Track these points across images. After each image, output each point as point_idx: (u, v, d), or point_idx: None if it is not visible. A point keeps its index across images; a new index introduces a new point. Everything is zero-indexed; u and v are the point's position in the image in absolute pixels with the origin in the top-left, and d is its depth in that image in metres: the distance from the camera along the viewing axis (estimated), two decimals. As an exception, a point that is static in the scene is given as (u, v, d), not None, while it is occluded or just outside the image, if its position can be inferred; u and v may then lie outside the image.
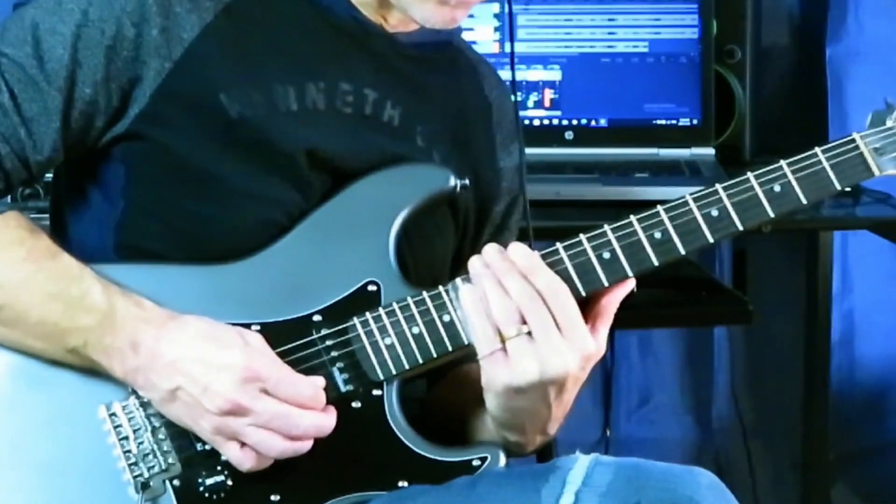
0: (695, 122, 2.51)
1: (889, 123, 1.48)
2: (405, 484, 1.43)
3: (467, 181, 1.53)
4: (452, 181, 1.51)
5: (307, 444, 1.41)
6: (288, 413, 1.39)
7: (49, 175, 1.58)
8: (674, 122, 2.51)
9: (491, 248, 1.42)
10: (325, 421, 1.41)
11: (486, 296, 1.40)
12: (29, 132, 1.46)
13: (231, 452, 1.41)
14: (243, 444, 1.41)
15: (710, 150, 2.50)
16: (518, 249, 1.41)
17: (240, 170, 1.47)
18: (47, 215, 1.65)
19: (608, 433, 2.98)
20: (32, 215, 2.00)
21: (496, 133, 1.65)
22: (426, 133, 1.57)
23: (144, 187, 1.49)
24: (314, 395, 1.41)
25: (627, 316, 2.41)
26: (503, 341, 1.39)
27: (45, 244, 1.45)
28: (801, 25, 2.85)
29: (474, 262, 1.42)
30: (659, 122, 2.52)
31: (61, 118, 1.46)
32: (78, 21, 1.46)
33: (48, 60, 1.45)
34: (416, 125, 1.57)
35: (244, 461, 1.41)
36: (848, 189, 1.49)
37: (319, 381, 1.42)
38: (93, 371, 1.43)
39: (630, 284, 1.44)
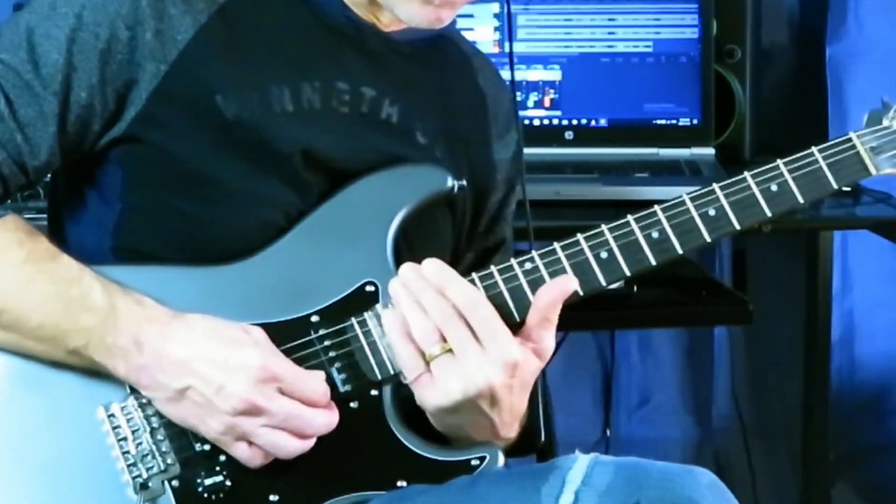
0: (695, 122, 2.51)
1: (885, 123, 1.49)
2: (404, 483, 1.43)
3: (465, 182, 1.54)
4: (450, 182, 1.51)
5: (312, 442, 1.41)
6: (301, 413, 1.40)
7: (48, 177, 1.58)
8: (674, 122, 2.51)
9: (406, 268, 1.42)
10: (333, 418, 1.42)
11: (405, 318, 1.40)
12: (25, 137, 1.46)
13: (239, 451, 1.41)
14: (250, 443, 1.41)
15: (710, 150, 2.50)
16: (430, 265, 1.41)
17: (237, 171, 1.47)
18: (46, 216, 1.65)
19: (608, 433, 2.98)
20: (32, 216, 2.01)
21: (491, 125, 1.66)
22: (427, 129, 1.58)
23: (141, 190, 1.49)
24: (325, 391, 1.42)
25: (627, 316, 2.45)
26: (428, 362, 1.40)
27: (45, 246, 1.45)
28: (801, 25, 2.85)
29: (393, 285, 1.42)
30: (659, 122, 2.52)
31: (57, 122, 1.46)
32: (72, 25, 1.46)
33: (43, 65, 1.45)
34: (415, 122, 1.57)
35: (253, 458, 1.41)
36: (846, 188, 1.49)
37: (323, 376, 1.42)
38: (91, 372, 1.43)
39: (572, 286, 1.42)
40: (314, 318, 1.45)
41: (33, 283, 1.42)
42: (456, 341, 1.38)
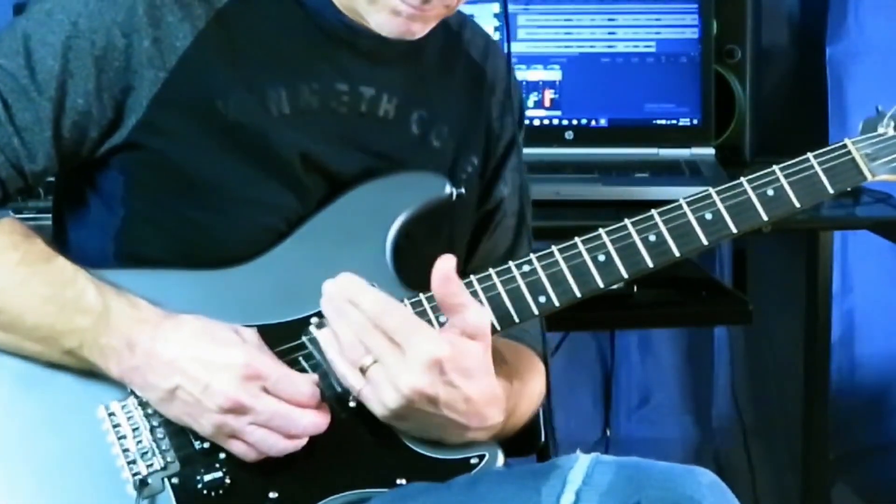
0: (695, 122, 2.51)
1: (880, 130, 1.50)
2: (403, 481, 1.43)
3: (463, 189, 1.55)
4: (448, 189, 1.52)
5: (303, 442, 1.41)
6: (287, 413, 1.40)
7: (51, 178, 1.59)
8: (674, 122, 2.52)
9: (327, 284, 1.40)
10: (322, 420, 1.42)
11: (336, 334, 1.40)
12: (22, 141, 1.47)
13: (234, 448, 1.41)
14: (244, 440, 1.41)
15: (710, 150, 2.50)
16: (343, 278, 1.40)
17: (238, 176, 1.48)
18: (47, 215, 1.65)
19: (608, 433, 2.98)
20: (32, 215, 2.01)
21: (491, 95, 1.66)
22: (423, 118, 1.58)
23: (143, 196, 1.50)
24: (312, 392, 1.41)
25: (627, 316, 2.45)
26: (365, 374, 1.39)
27: (40, 248, 1.45)
28: (801, 25, 2.85)
29: (322, 302, 1.41)
30: (659, 122, 2.52)
31: (53, 128, 1.47)
32: (68, 32, 1.46)
33: (39, 71, 1.46)
34: (411, 113, 1.57)
35: (248, 454, 1.41)
36: (847, 190, 1.50)
37: (315, 379, 1.42)
38: (91, 371, 1.44)
39: (450, 264, 1.38)
40: (314, 321, 1.45)
41: (28, 285, 1.43)
42: (375, 351, 1.37)
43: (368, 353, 1.38)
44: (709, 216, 1.46)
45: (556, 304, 1.45)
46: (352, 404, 1.44)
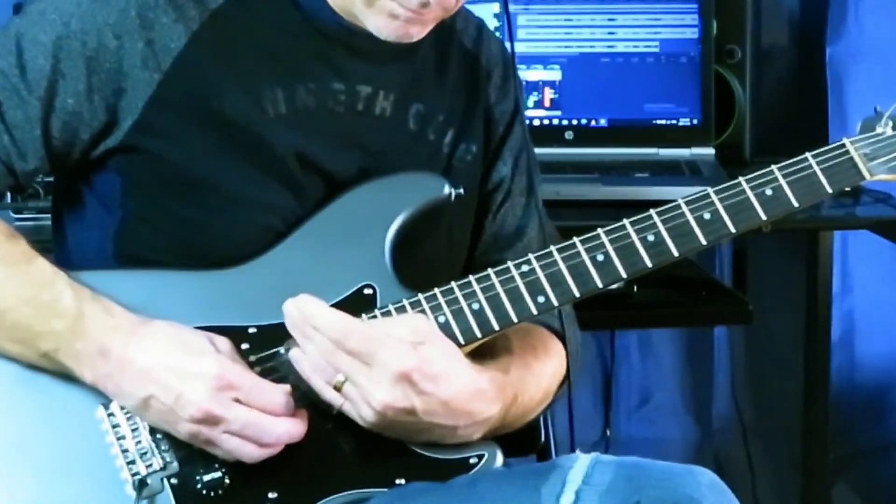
0: (695, 122, 2.51)
1: (878, 129, 1.50)
2: (402, 481, 1.43)
3: (462, 190, 1.54)
4: (447, 189, 1.52)
5: (279, 449, 1.41)
6: (259, 422, 1.39)
7: (50, 178, 1.59)
8: (674, 122, 2.52)
9: (288, 306, 1.41)
10: (297, 428, 1.41)
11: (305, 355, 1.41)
12: (13, 139, 1.48)
13: (214, 452, 1.41)
14: None
15: (710, 150, 2.50)
16: (301, 300, 1.40)
17: (235, 176, 1.48)
18: (47, 215, 1.65)
19: (608, 433, 2.98)
20: (32, 215, 2.02)
21: (489, 81, 1.65)
22: (420, 113, 1.58)
23: (142, 197, 1.50)
24: (285, 401, 1.41)
25: (627, 316, 2.45)
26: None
27: (21, 249, 1.45)
28: (801, 25, 2.85)
29: (288, 326, 1.41)
30: (659, 122, 2.52)
31: (41, 127, 1.48)
32: (59, 32, 1.47)
33: (30, 70, 1.47)
34: (409, 108, 1.57)
35: (227, 457, 1.41)
36: (845, 190, 1.50)
37: (287, 388, 1.42)
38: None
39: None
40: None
41: (7, 285, 1.43)
42: (344, 371, 1.38)
43: (337, 372, 1.38)
44: (707, 216, 1.46)
45: (555, 304, 1.45)
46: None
